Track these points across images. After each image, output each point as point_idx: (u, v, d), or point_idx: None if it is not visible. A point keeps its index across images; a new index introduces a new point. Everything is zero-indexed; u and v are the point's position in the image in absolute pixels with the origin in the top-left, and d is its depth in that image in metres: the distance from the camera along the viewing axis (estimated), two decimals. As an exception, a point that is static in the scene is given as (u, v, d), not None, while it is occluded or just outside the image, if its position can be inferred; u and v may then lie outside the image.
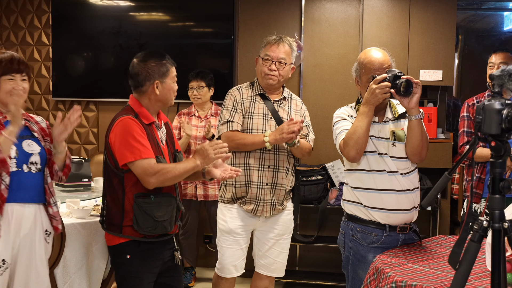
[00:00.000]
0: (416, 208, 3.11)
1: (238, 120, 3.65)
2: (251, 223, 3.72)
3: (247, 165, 3.63)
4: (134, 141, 2.94)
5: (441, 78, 5.27)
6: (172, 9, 5.89)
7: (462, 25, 6.87)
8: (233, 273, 3.74)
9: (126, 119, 3.00)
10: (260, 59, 3.72)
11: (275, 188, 3.66)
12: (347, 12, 5.43)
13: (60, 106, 6.11)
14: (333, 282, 5.24)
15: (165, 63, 3.08)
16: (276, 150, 3.65)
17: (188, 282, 5.28)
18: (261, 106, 3.70)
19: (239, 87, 3.77)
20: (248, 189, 3.64)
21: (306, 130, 3.79)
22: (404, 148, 3.06)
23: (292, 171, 3.76)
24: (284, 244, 3.83)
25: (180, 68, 5.66)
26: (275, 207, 3.68)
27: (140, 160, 2.92)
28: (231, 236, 3.70)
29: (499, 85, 1.98)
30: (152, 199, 2.97)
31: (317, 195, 5.18)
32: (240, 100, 3.69)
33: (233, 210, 3.70)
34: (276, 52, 3.67)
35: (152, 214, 2.96)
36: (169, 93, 3.11)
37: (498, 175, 1.93)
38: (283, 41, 3.71)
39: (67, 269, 3.73)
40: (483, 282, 2.46)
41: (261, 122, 3.65)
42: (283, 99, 3.77)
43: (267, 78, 3.67)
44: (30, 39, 6.13)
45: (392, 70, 3.00)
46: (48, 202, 3.18)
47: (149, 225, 2.96)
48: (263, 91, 3.73)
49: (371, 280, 2.76)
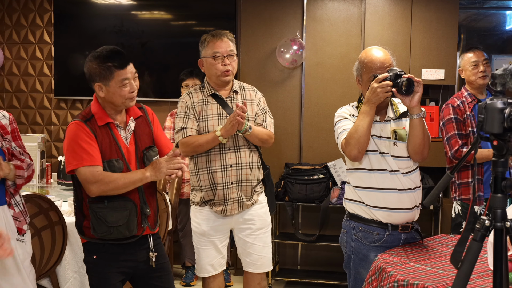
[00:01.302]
0: (418, 207, 3.11)
1: (191, 125, 3.60)
2: (225, 222, 3.69)
3: (209, 168, 3.60)
4: (78, 148, 2.89)
5: (443, 77, 5.27)
6: (174, 8, 5.89)
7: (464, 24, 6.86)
8: (210, 272, 3.72)
9: (73, 124, 2.95)
10: (208, 59, 3.62)
11: (241, 185, 3.64)
12: (349, 11, 5.43)
13: (62, 105, 6.12)
14: (334, 281, 5.24)
15: (109, 66, 2.90)
16: (236, 147, 3.62)
17: (190, 281, 5.27)
18: (214, 106, 3.64)
19: (189, 92, 3.71)
20: (214, 192, 3.61)
21: (261, 117, 3.74)
22: (406, 147, 3.06)
23: (258, 164, 3.73)
24: (265, 238, 3.78)
25: (181, 67, 5.66)
26: (243, 203, 3.65)
27: (82, 167, 2.88)
28: (205, 237, 3.68)
29: (501, 84, 1.98)
30: (105, 204, 2.92)
31: (319, 194, 5.17)
32: (191, 105, 3.63)
33: (204, 212, 3.68)
34: (223, 47, 3.60)
35: (104, 219, 2.91)
36: (115, 97, 2.94)
37: (500, 174, 1.92)
38: (224, 35, 3.64)
39: (69, 267, 3.74)
40: (485, 281, 2.46)
41: (216, 122, 3.60)
42: (234, 93, 3.71)
43: (225, 75, 3.61)
44: (32, 38, 6.13)
45: (394, 69, 2.99)
46: (9, 203, 3.11)
47: (104, 230, 2.92)
48: (214, 90, 3.66)
49: (372, 279, 2.76)
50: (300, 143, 5.56)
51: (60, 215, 3.68)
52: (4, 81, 6.20)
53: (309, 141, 5.55)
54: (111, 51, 2.96)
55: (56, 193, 4.60)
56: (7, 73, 6.20)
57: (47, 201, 3.65)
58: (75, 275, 3.74)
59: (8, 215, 3.10)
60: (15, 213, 3.13)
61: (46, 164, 5.17)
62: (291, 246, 5.63)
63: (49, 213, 3.65)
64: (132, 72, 2.97)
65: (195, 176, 3.66)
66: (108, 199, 2.91)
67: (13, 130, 3.21)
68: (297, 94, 5.56)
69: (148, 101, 5.74)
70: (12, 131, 3.20)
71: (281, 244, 5.59)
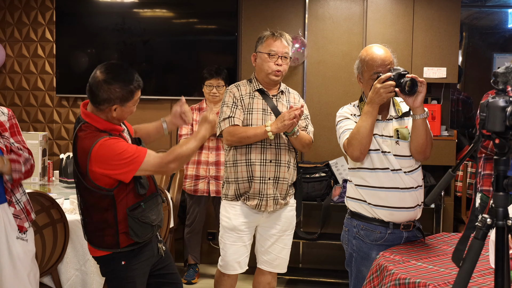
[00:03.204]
0: (420, 206, 3.11)
1: (239, 115, 3.65)
2: (255, 219, 3.72)
3: (249, 160, 3.63)
4: (122, 154, 2.81)
5: (445, 76, 5.26)
6: (176, 5, 5.89)
7: (466, 22, 6.86)
8: (237, 269, 3.75)
9: (99, 144, 2.81)
10: (263, 55, 3.68)
11: (278, 182, 3.66)
12: (351, 9, 5.42)
13: (64, 103, 6.12)
14: (336, 279, 5.24)
15: (131, 89, 2.87)
16: (277, 144, 3.65)
17: (191, 278, 5.28)
18: (260, 101, 3.70)
19: (237, 84, 3.77)
20: (251, 185, 3.64)
21: (305, 122, 3.79)
22: (408, 146, 3.06)
23: (294, 165, 3.77)
24: (286, 240, 3.84)
25: (183, 65, 5.67)
26: (278, 201, 3.68)
27: (142, 163, 2.83)
28: (235, 233, 3.71)
29: (503, 82, 1.98)
30: (142, 206, 2.95)
31: (321, 192, 5.17)
32: (240, 96, 3.69)
33: (237, 207, 3.70)
34: (280, 47, 3.66)
35: (150, 220, 2.96)
36: (126, 115, 2.95)
37: (502, 172, 1.93)
38: (283, 36, 3.70)
39: (70, 265, 3.75)
40: (487, 280, 2.46)
41: (260, 117, 3.65)
42: (280, 93, 3.77)
43: (275, 75, 3.67)
44: (34, 36, 6.13)
45: (397, 69, 2.98)
46: (10, 201, 3.12)
47: (148, 231, 2.97)
48: (262, 86, 3.72)
49: (374, 277, 2.76)
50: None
51: (61, 213, 3.69)
52: (6, 79, 6.21)
53: (311, 139, 5.54)
54: (128, 70, 2.92)
55: (57, 191, 4.60)
56: (9, 71, 6.20)
57: (49, 199, 3.66)
58: (77, 273, 3.75)
59: (9, 212, 3.11)
60: (16, 211, 3.13)
61: (47, 162, 5.18)
62: (293, 244, 5.52)
63: (51, 211, 3.66)
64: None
65: (232, 168, 3.67)
66: (143, 201, 2.96)
67: (12, 125, 3.21)
68: (298, 92, 5.51)
69: (150, 99, 5.73)
70: (11, 127, 3.20)
71: (282, 242, 5.59)
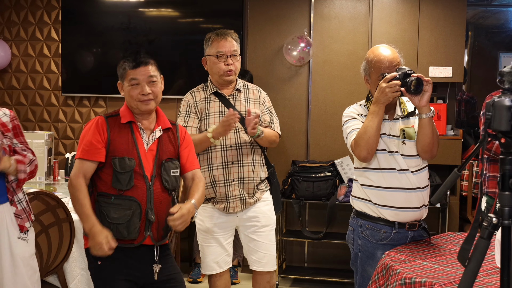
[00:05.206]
0: (426, 206, 3.10)
1: (192, 124, 3.62)
2: (228, 220, 3.70)
3: (210, 165, 3.62)
4: (85, 140, 2.96)
5: (450, 75, 5.25)
6: (181, 5, 5.89)
7: (472, 21, 6.84)
8: (215, 269, 3.72)
9: (96, 118, 3.02)
10: (212, 58, 3.64)
11: (243, 182, 3.64)
12: (357, 9, 5.42)
13: (70, 102, 6.13)
14: (341, 278, 5.24)
15: (122, 64, 3.01)
16: (238, 144, 3.63)
17: (197, 277, 5.29)
18: (216, 104, 3.66)
19: (192, 91, 3.73)
20: (215, 189, 3.62)
21: (269, 116, 3.76)
22: (415, 146, 3.05)
23: (261, 162, 3.74)
24: (270, 236, 3.78)
25: (189, 65, 5.68)
26: (245, 201, 3.65)
27: (77, 159, 2.95)
28: (209, 234, 3.69)
29: (509, 82, 1.98)
30: (112, 199, 2.91)
31: (326, 192, 5.17)
32: (194, 103, 3.66)
33: (208, 209, 3.68)
34: (227, 47, 3.62)
35: (107, 214, 2.90)
36: (127, 97, 3.01)
37: (508, 171, 1.92)
38: (228, 34, 3.66)
39: (76, 264, 3.75)
40: (492, 279, 2.46)
41: (217, 120, 3.60)
42: (237, 92, 3.72)
43: (227, 75, 3.62)
44: (40, 35, 6.15)
45: (402, 68, 2.97)
46: (12, 200, 3.12)
47: (104, 226, 2.87)
48: (217, 88, 3.68)
49: (379, 277, 2.76)
50: (307, 141, 5.56)
51: (67, 212, 3.70)
52: (11, 78, 6.22)
53: (316, 138, 5.54)
54: (131, 51, 3.03)
55: (63, 190, 4.61)
56: (15, 70, 6.22)
57: (55, 198, 3.67)
58: (83, 272, 3.75)
59: (11, 212, 3.12)
60: (17, 211, 3.14)
61: (53, 161, 5.19)
62: (298, 243, 5.63)
63: (57, 210, 3.67)
64: (145, 75, 2.97)
65: None
66: (115, 196, 2.91)
67: (15, 127, 3.21)
68: (304, 91, 5.55)
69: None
70: (14, 128, 3.20)
71: (288, 242, 5.59)
